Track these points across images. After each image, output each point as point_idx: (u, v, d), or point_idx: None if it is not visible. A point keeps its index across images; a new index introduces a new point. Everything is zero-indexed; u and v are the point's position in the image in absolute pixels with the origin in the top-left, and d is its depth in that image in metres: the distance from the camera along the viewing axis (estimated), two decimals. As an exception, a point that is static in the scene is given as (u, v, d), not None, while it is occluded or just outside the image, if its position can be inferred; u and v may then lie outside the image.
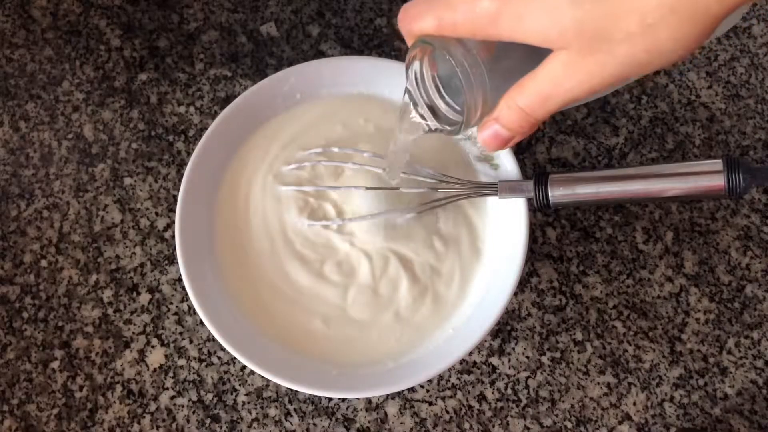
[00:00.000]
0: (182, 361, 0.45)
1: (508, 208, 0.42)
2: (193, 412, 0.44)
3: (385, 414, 0.44)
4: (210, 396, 0.44)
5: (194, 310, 0.41)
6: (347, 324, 0.41)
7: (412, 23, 0.31)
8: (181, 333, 0.46)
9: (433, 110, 0.33)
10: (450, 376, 0.45)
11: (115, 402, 0.44)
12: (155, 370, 0.45)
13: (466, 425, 0.44)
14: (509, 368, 0.45)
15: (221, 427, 0.44)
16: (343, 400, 0.44)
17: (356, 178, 0.42)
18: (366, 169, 0.42)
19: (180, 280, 0.46)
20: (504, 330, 0.46)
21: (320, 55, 0.52)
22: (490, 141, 0.32)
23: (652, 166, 0.37)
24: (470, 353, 0.44)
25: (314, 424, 0.44)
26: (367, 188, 0.41)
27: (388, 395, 0.44)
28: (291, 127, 0.45)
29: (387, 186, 0.41)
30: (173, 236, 0.41)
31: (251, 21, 0.53)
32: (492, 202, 0.43)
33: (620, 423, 0.44)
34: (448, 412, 0.44)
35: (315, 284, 0.42)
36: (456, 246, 0.43)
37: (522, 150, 0.49)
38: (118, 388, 0.45)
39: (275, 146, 0.44)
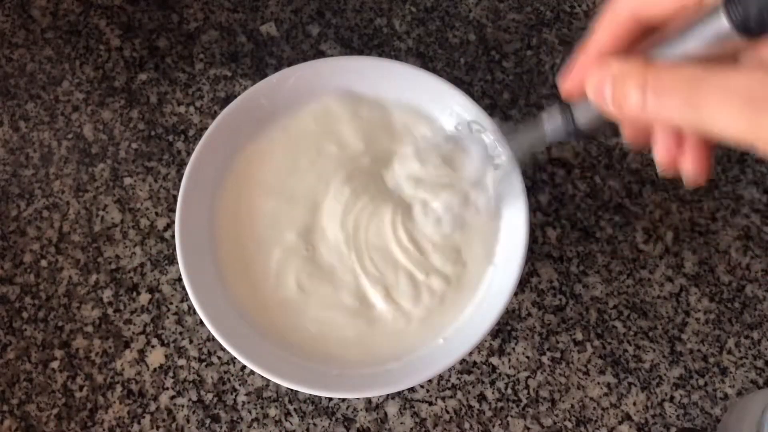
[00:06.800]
0: (182, 361, 0.45)
1: (508, 208, 0.42)
2: (193, 412, 0.44)
3: (385, 414, 0.44)
4: (210, 396, 0.44)
5: (194, 310, 0.41)
6: (347, 324, 0.41)
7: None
8: (181, 333, 0.46)
9: None
10: (450, 376, 0.45)
11: (115, 402, 0.44)
12: (155, 370, 0.45)
13: (466, 425, 0.44)
14: (509, 368, 0.45)
15: (221, 427, 0.44)
16: (343, 400, 0.44)
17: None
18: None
19: (180, 280, 0.46)
20: (504, 330, 0.46)
21: (320, 55, 0.52)
22: (594, 88, 0.25)
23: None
24: (470, 353, 0.44)
25: (314, 424, 0.44)
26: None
27: (388, 395, 0.44)
28: (301, 128, 0.45)
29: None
30: (173, 236, 0.41)
31: (251, 21, 0.53)
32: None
33: (620, 423, 0.44)
34: (448, 412, 0.44)
35: (316, 285, 0.42)
36: (457, 246, 0.43)
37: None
38: (118, 388, 0.45)
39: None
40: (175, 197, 0.48)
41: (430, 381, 0.44)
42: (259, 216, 0.43)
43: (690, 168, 0.27)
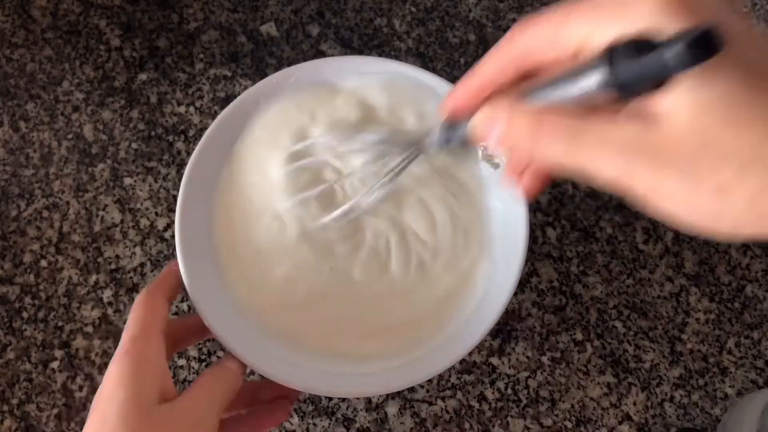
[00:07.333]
0: (182, 361, 0.45)
1: (508, 207, 0.42)
2: (193, 412, 0.44)
3: (385, 414, 0.44)
4: (210, 396, 0.44)
5: (194, 310, 0.41)
6: (348, 324, 0.41)
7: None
8: (181, 333, 0.46)
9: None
10: (450, 376, 0.45)
11: (115, 402, 0.44)
12: (155, 370, 0.45)
13: (466, 425, 0.44)
14: (509, 368, 0.45)
15: (221, 427, 0.44)
16: (343, 400, 0.44)
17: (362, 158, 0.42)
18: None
19: (180, 280, 0.46)
20: (504, 330, 0.46)
21: (320, 55, 0.52)
22: (484, 125, 0.28)
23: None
24: (470, 353, 0.44)
25: (314, 424, 0.44)
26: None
27: (388, 395, 0.44)
28: (295, 120, 0.45)
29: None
30: (173, 236, 0.41)
31: (251, 21, 0.53)
32: (492, 202, 0.43)
33: (620, 423, 0.44)
34: (448, 412, 0.44)
35: (317, 285, 0.42)
36: (458, 248, 0.43)
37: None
38: (118, 388, 0.45)
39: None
40: (175, 197, 0.48)
41: (430, 381, 0.44)
42: (262, 218, 0.43)
43: (533, 189, 0.32)
